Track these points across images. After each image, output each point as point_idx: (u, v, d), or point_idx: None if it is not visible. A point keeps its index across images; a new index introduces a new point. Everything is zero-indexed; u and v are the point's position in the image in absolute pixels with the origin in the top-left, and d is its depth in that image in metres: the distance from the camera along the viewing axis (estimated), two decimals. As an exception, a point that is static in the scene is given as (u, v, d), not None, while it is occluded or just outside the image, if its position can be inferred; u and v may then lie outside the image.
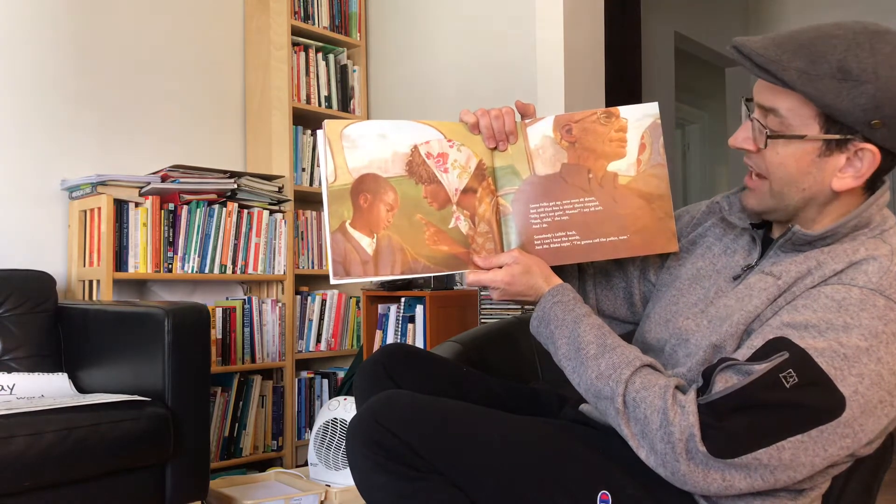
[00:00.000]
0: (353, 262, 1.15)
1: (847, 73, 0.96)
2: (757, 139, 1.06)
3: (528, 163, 1.21)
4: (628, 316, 1.36)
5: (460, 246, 1.19)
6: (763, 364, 0.94)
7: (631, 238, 1.19)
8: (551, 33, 2.76)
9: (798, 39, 1.01)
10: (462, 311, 2.80)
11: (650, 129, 1.20)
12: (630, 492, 1.04)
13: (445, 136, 1.20)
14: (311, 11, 3.23)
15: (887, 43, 0.98)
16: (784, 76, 0.99)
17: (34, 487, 1.70)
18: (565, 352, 1.10)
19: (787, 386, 0.92)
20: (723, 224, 1.23)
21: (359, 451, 1.06)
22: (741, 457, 0.92)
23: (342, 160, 1.15)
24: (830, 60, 0.97)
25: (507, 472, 1.05)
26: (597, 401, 1.05)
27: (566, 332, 1.11)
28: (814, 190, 1.04)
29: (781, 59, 0.99)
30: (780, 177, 1.05)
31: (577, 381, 1.08)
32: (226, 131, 3.20)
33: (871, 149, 1.00)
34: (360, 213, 1.16)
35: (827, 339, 0.94)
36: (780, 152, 1.04)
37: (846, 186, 1.03)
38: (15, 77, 2.60)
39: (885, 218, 1.07)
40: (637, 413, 0.99)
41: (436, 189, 1.19)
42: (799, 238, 1.06)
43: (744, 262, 1.15)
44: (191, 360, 1.99)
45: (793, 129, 1.02)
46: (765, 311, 1.04)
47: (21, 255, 2.57)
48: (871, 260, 1.00)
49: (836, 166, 1.02)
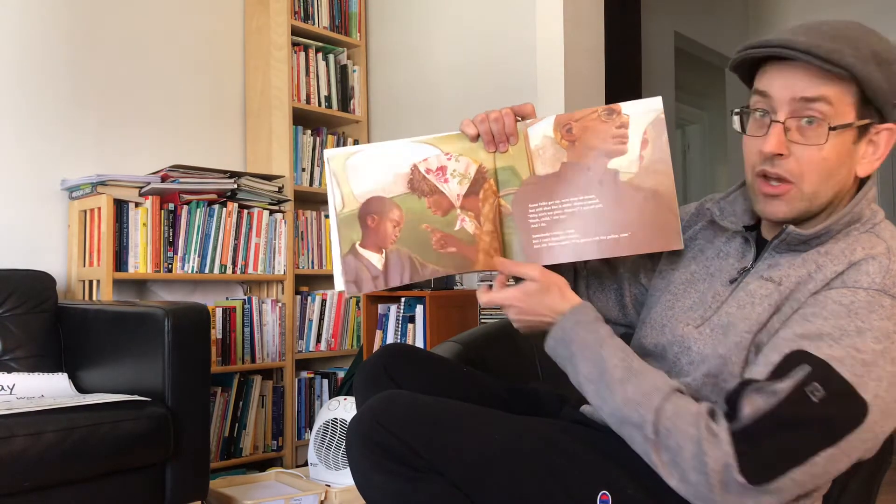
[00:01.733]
0: (365, 279, 1.20)
1: (880, 55, 1.00)
2: (809, 137, 1.02)
3: (529, 163, 1.21)
4: (619, 318, 1.35)
5: (468, 246, 1.20)
6: (786, 381, 0.92)
7: (633, 235, 1.18)
8: (551, 33, 2.76)
9: (826, 32, 1.01)
10: (462, 311, 2.80)
11: (653, 124, 1.18)
12: (630, 492, 1.03)
13: (442, 151, 1.22)
14: (311, 11, 3.23)
15: (880, 33, 1.03)
16: (845, 62, 0.98)
17: (34, 487, 1.70)
18: (587, 374, 1.06)
19: (816, 400, 0.90)
20: (713, 227, 1.23)
21: (359, 450, 1.06)
22: (777, 480, 0.91)
23: (348, 189, 1.22)
24: (864, 46, 1.00)
25: (507, 472, 1.04)
26: (621, 426, 1.02)
27: (589, 353, 1.06)
28: (844, 181, 1.05)
29: (835, 47, 0.99)
30: (818, 173, 1.03)
31: (600, 405, 1.04)
32: (226, 131, 3.20)
33: (888, 127, 1.02)
34: (368, 232, 1.21)
35: (843, 347, 0.93)
36: (825, 147, 1.02)
37: (870, 171, 1.05)
38: (15, 77, 2.60)
39: (875, 212, 1.07)
40: (669, 442, 0.96)
41: (438, 199, 1.21)
42: (794, 238, 1.06)
43: (739, 265, 1.15)
44: (191, 360, 1.99)
45: (840, 118, 1.02)
46: (771, 321, 1.03)
47: (21, 254, 2.57)
48: (870, 260, 0.99)
49: (862, 152, 1.04)
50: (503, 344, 2.03)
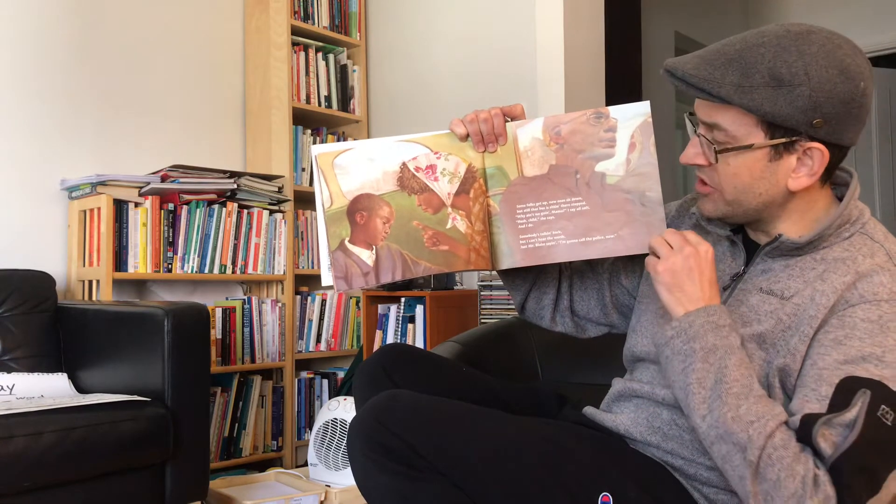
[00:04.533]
0: (355, 274, 1.20)
1: (779, 79, 0.98)
2: (707, 154, 1.07)
3: (517, 164, 1.22)
4: (601, 318, 1.36)
5: (461, 244, 1.20)
6: (853, 410, 0.92)
7: (619, 237, 1.19)
8: (551, 33, 2.76)
9: (726, 53, 1.02)
10: (462, 311, 2.80)
11: (641, 127, 1.19)
12: (631, 494, 1.03)
13: (431, 150, 1.22)
14: (310, 11, 3.23)
15: (812, 43, 0.99)
16: (720, 92, 1.00)
17: (34, 487, 1.70)
18: (701, 378, 1.00)
19: (890, 423, 0.91)
20: (697, 230, 1.22)
21: (360, 450, 1.06)
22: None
23: (336, 186, 1.22)
24: (761, 70, 0.99)
25: (508, 472, 1.04)
26: (719, 440, 0.97)
27: (713, 358, 1.00)
28: (771, 193, 1.05)
29: (714, 76, 1.00)
30: (734, 186, 1.06)
31: (704, 413, 0.99)
32: (226, 131, 3.20)
33: (818, 147, 1.01)
34: (357, 229, 1.20)
35: (889, 364, 0.94)
36: (731, 164, 1.05)
37: (802, 185, 1.04)
38: (15, 77, 2.60)
39: (862, 210, 1.08)
40: (769, 473, 0.92)
41: (429, 196, 1.21)
42: (787, 246, 1.06)
43: (730, 271, 1.15)
44: (191, 360, 1.99)
45: (739, 140, 1.03)
46: (784, 339, 1.02)
47: (21, 254, 2.57)
48: (879, 270, 1.00)
49: (788, 168, 1.03)
50: (503, 344, 2.03)
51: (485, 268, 1.23)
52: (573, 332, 1.39)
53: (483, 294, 2.69)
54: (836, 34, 1.02)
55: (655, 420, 1.13)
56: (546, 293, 1.35)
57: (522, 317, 1.40)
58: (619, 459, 1.06)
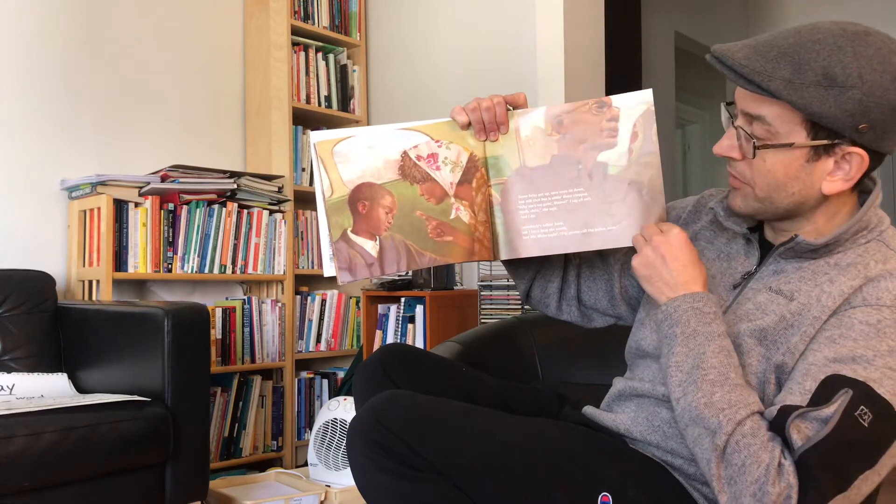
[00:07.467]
0: (359, 265, 1.18)
1: (832, 79, 0.95)
2: (744, 148, 1.05)
3: (519, 154, 1.21)
4: (608, 308, 1.35)
5: (465, 235, 1.20)
6: (832, 406, 0.92)
7: (622, 227, 1.18)
8: (551, 33, 2.76)
9: (779, 46, 0.99)
10: (462, 311, 2.79)
11: (643, 116, 1.17)
12: (631, 494, 1.03)
13: (432, 138, 1.20)
14: (310, 11, 3.23)
15: (869, 45, 0.97)
16: (770, 86, 0.97)
17: (34, 487, 1.70)
18: (678, 361, 1.02)
19: (866, 424, 0.91)
20: (713, 226, 1.22)
21: (359, 450, 1.06)
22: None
23: (336, 175, 1.19)
24: (814, 67, 0.96)
25: (508, 472, 1.04)
26: (691, 424, 0.98)
27: (692, 343, 1.02)
28: (803, 194, 1.04)
29: (766, 68, 0.98)
30: (767, 183, 1.04)
31: (679, 395, 1.01)
32: (225, 131, 3.20)
33: (858, 152, 0.99)
34: (360, 219, 1.18)
35: (878, 368, 0.93)
36: (767, 160, 1.03)
37: (836, 190, 1.02)
38: (15, 77, 2.60)
39: (881, 218, 1.07)
40: (734, 458, 0.93)
41: (431, 186, 1.19)
42: (802, 247, 1.05)
43: (742, 269, 1.14)
44: (190, 361, 1.99)
45: (780, 138, 1.01)
46: (785, 336, 1.02)
47: (21, 254, 2.57)
48: (888, 276, 0.99)
49: (824, 170, 1.01)
50: (503, 344, 2.03)
51: (488, 258, 1.22)
52: (579, 322, 1.38)
53: (483, 294, 2.69)
54: (892, 38, 0.99)
55: (655, 419, 1.13)
56: (551, 281, 1.35)
57: (528, 304, 1.40)
58: (619, 459, 1.06)
